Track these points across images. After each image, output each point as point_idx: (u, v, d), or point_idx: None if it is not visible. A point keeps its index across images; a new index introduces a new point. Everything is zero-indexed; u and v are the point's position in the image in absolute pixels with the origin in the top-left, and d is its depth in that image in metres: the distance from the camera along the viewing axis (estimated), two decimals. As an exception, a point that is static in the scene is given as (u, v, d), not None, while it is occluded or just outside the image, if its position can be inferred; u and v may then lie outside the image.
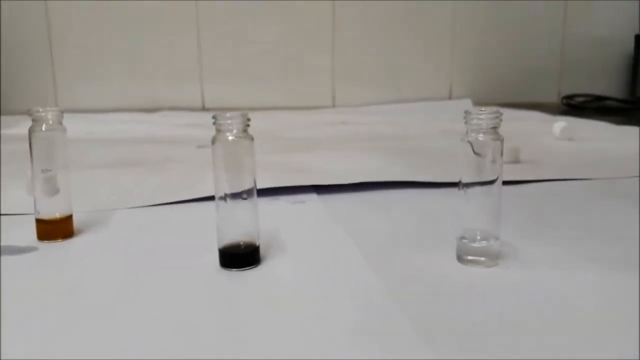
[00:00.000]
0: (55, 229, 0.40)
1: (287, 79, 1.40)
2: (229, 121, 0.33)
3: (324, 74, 1.41)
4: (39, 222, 0.40)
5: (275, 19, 1.37)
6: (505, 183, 0.55)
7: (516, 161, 0.66)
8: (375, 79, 1.44)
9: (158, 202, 0.50)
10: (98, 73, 1.33)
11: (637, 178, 0.59)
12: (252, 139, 0.34)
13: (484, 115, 0.33)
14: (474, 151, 0.33)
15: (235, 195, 0.34)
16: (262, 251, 0.36)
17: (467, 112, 0.33)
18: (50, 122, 0.39)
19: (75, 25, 1.32)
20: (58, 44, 1.31)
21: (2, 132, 0.95)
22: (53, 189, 0.39)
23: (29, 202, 0.40)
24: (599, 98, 1.39)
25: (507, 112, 1.24)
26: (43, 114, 0.38)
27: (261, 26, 1.37)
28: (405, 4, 1.43)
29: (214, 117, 0.33)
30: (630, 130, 0.96)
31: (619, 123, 1.04)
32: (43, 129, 0.38)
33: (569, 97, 1.41)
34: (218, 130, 0.33)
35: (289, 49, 1.39)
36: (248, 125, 0.34)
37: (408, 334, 0.26)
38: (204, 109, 1.37)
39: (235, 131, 0.33)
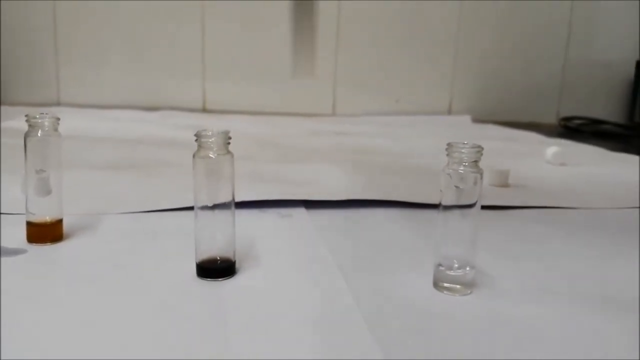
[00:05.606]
0: (45, 233, 0.41)
1: (289, 85, 1.41)
2: (211, 139, 0.34)
3: (326, 83, 1.43)
4: (29, 224, 0.41)
5: (281, 24, 1.38)
6: (490, 207, 0.57)
7: (505, 185, 0.67)
8: (376, 91, 1.45)
9: (147, 209, 0.51)
10: (102, 68, 1.35)
11: (627, 209, 0.60)
12: (233, 156, 0.35)
13: (465, 150, 0.34)
14: (454, 183, 0.34)
15: (213, 210, 0.35)
16: (239, 263, 0.37)
17: (449, 145, 0.34)
18: (47, 128, 0.40)
19: (82, 20, 1.33)
20: (63, 37, 1.33)
21: (2, 124, 0.95)
22: (46, 190, 0.40)
23: (22, 202, 0.41)
24: (597, 122, 1.39)
25: (504, 132, 1.26)
26: (40, 120, 0.39)
27: (266, 30, 1.38)
28: (409, 18, 1.44)
29: (196, 135, 0.34)
30: (625, 158, 0.96)
31: (616, 149, 1.05)
32: (39, 134, 0.39)
33: (567, 119, 1.42)
34: (200, 147, 0.34)
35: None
36: (229, 143, 0.35)
37: (375, 357, 0.27)
38: (204, 110, 1.38)
39: (216, 148, 0.34)
